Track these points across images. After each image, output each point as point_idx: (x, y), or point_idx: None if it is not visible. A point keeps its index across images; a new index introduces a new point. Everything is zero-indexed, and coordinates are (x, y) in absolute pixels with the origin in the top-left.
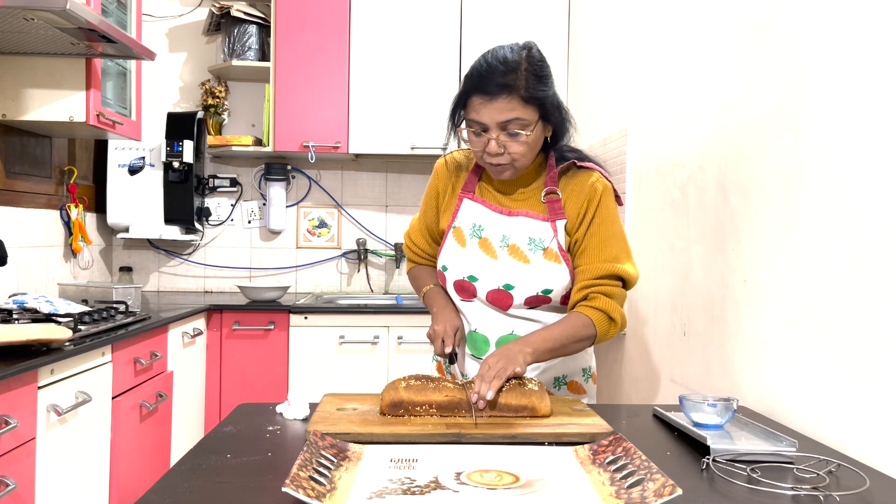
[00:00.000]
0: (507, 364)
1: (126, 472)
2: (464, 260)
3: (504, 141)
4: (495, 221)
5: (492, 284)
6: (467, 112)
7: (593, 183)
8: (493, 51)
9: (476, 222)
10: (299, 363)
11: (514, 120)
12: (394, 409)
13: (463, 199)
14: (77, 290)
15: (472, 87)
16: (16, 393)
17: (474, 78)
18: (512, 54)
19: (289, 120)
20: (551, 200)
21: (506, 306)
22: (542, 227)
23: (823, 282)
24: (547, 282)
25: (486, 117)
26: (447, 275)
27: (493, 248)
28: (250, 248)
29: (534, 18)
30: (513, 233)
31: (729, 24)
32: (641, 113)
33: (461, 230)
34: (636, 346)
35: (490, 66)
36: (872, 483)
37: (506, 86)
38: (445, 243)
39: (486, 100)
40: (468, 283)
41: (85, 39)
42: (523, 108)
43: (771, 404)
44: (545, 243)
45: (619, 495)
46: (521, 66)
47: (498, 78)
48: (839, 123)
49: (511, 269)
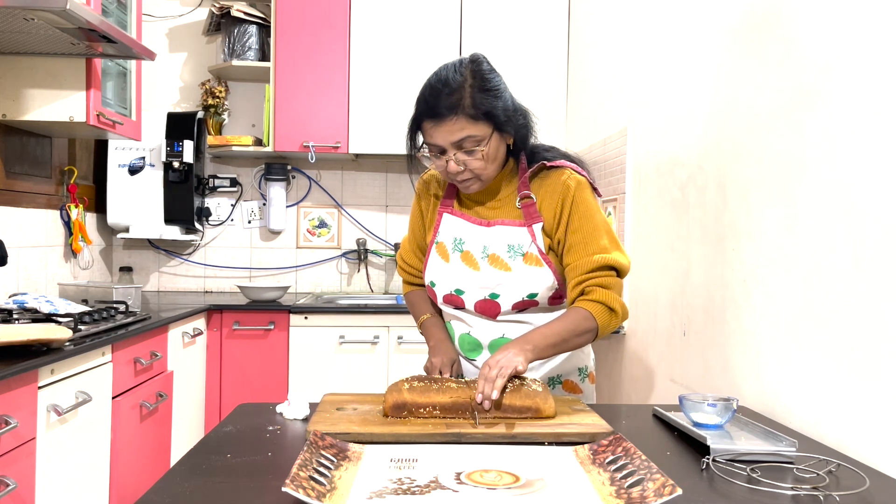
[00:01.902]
0: (507, 363)
1: (126, 472)
2: (449, 274)
3: (462, 159)
4: (475, 233)
5: (478, 296)
6: (424, 136)
7: (565, 181)
8: (437, 72)
9: (457, 236)
10: (299, 363)
11: (466, 138)
12: (397, 412)
13: (443, 214)
14: (77, 290)
15: (421, 112)
16: (16, 393)
17: (422, 103)
18: (455, 73)
19: (289, 120)
20: (526, 205)
21: (494, 314)
22: (519, 232)
23: (823, 282)
24: (530, 286)
25: (439, 139)
26: (436, 290)
27: (474, 260)
28: (250, 248)
29: (534, 18)
30: (491, 242)
31: (729, 24)
32: (641, 113)
33: (444, 245)
34: (636, 346)
35: (434, 88)
36: (872, 483)
37: (451, 106)
38: (430, 259)
39: (435, 123)
40: (456, 297)
41: (85, 39)
42: (473, 126)
43: (771, 404)
44: (524, 248)
45: (619, 495)
46: (466, 84)
47: (443, 100)
48: (839, 123)
49: (494, 278)
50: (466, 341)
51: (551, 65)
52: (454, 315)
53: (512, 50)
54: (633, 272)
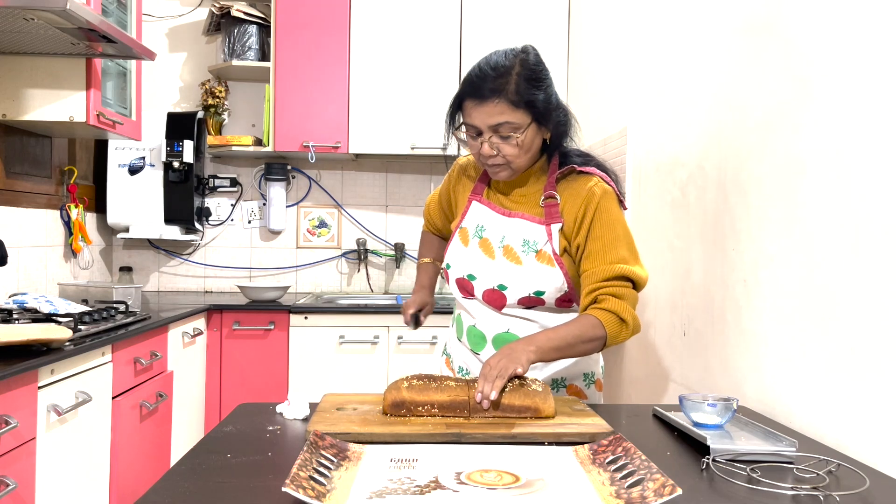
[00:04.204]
0: (508, 363)
1: (126, 472)
2: (465, 258)
3: (496, 143)
4: (496, 222)
5: (487, 284)
6: (463, 115)
7: (591, 187)
8: (488, 56)
9: (480, 223)
10: (299, 363)
11: (504, 123)
12: (396, 409)
13: (472, 202)
14: (77, 290)
15: (465, 92)
16: (16, 393)
17: (468, 82)
18: (505, 59)
19: (289, 120)
20: (549, 205)
21: (500, 306)
22: (537, 229)
23: (823, 282)
24: (538, 284)
25: (478, 120)
26: (450, 272)
27: (491, 248)
28: (250, 248)
29: (534, 18)
30: (509, 233)
31: (729, 24)
32: (641, 113)
33: (466, 230)
34: (636, 346)
35: (482, 70)
36: (872, 483)
37: (494, 90)
38: (452, 242)
39: (476, 103)
40: (467, 282)
41: (85, 39)
42: (512, 112)
43: (771, 404)
44: (538, 246)
45: (619, 495)
46: (513, 71)
47: (488, 83)
48: (839, 123)
49: (505, 269)
50: (473, 334)
51: (551, 65)
52: (463, 306)
53: None
54: None
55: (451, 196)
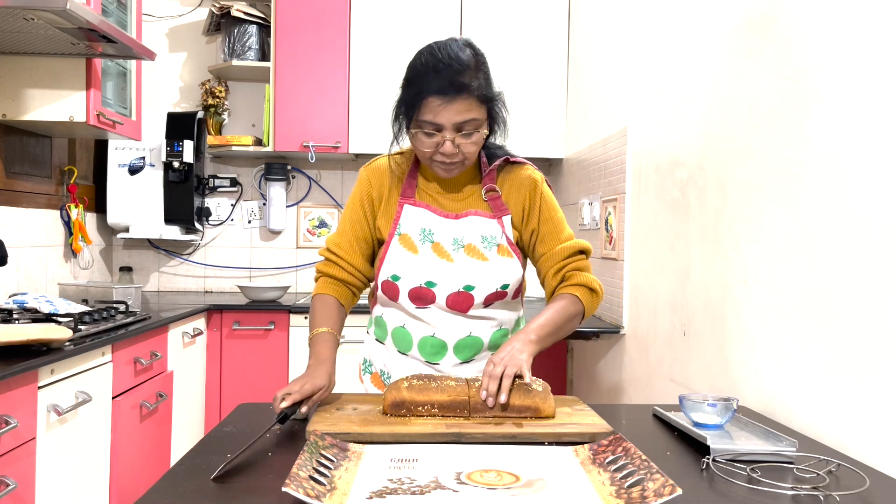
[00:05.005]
0: (512, 361)
1: (126, 472)
2: (418, 266)
3: (459, 141)
4: (443, 225)
5: (451, 288)
6: (420, 113)
7: (530, 175)
8: (438, 49)
9: (424, 227)
10: (299, 363)
11: (470, 121)
12: (396, 409)
13: (404, 206)
14: (77, 290)
15: (427, 88)
16: (16, 393)
17: (429, 79)
18: (462, 53)
19: (289, 120)
20: (492, 198)
21: (466, 308)
22: (491, 224)
23: (823, 282)
24: (504, 277)
25: (443, 118)
26: (400, 284)
27: (446, 252)
28: (250, 248)
29: (534, 18)
30: (465, 234)
31: (729, 24)
32: (641, 113)
33: (408, 237)
34: (636, 346)
35: (444, 65)
36: (872, 483)
37: (463, 86)
38: (390, 252)
39: (444, 101)
40: (425, 290)
41: (85, 39)
42: (478, 109)
43: (771, 404)
44: (497, 240)
45: (619, 495)
46: (473, 65)
47: (455, 78)
48: (839, 123)
49: (470, 269)
50: (429, 344)
51: (551, 64)
52: (416, 316)
53: (512, 50)
54: (633, 272)
55: (374, 205)
